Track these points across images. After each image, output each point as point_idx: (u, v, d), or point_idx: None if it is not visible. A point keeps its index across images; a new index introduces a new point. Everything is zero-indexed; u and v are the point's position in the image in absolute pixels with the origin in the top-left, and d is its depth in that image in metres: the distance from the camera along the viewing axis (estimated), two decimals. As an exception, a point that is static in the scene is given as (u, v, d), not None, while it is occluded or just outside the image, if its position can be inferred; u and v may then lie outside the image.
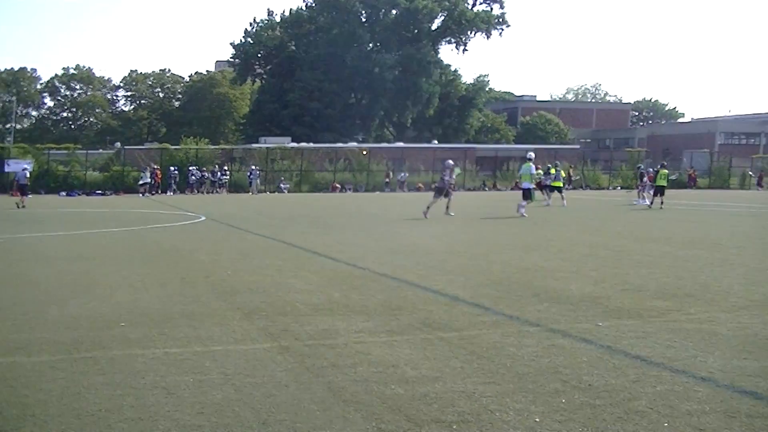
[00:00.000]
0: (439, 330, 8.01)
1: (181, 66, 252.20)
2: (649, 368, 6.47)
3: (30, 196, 40.68)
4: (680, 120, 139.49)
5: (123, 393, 5.87)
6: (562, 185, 36.17)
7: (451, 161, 27.50)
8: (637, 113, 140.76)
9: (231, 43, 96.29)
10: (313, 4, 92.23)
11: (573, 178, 56.37)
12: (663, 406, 5.46)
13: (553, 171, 36.17)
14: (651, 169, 38.76)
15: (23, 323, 8.44)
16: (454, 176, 27.37)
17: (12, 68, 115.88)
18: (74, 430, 5.14)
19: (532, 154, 29.52)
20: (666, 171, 33.40)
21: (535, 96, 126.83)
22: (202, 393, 5.87)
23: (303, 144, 68.65)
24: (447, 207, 26.71)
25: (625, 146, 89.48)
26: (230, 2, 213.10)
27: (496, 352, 7.06)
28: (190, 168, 57.39)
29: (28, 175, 39.94)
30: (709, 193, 46.29)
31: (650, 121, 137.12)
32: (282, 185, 59.56)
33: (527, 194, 27.71)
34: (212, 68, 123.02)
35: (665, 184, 32.78)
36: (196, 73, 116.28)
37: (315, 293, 10.34)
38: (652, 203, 32.70)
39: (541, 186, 35.56)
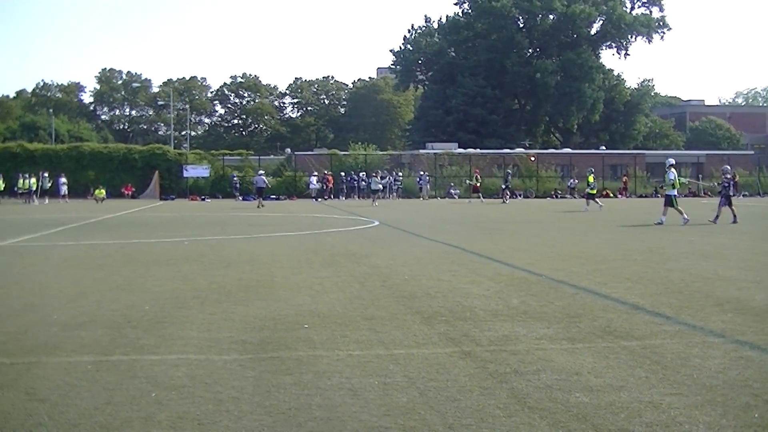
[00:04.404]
0: (620, 338, 7.84)
1: (343, 73, 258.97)
2: None
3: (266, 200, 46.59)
4: None
5: (310, 393, 6.01)
6: (595, 193, 40.50)
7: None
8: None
9: (391, 50, 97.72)
10: (470, 11, 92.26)
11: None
12: None
13: (591, 179, 39.63)
14: None
15: (212, 323, 8.80)
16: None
17: (184, 77, 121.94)
18: (267, 426, 5.30)
19: (672, 160, 28.92)
20: None
21: (703, 100, 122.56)
22: (387, 395, 5.94)
23: (470, 150, 68.82)
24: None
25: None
26: (388, 10, 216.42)
27: (681, 362, 6.84)
28: (360, 174, 58.45)
29: (266, 180, 46.18)
30: None
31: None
32: (452, 191, 59.86)
33: (668, 201, 26.99)
34: (374, 75, 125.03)
35: None
36: (358, 79, 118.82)
37: (493, 299, 10.32)
38: None
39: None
